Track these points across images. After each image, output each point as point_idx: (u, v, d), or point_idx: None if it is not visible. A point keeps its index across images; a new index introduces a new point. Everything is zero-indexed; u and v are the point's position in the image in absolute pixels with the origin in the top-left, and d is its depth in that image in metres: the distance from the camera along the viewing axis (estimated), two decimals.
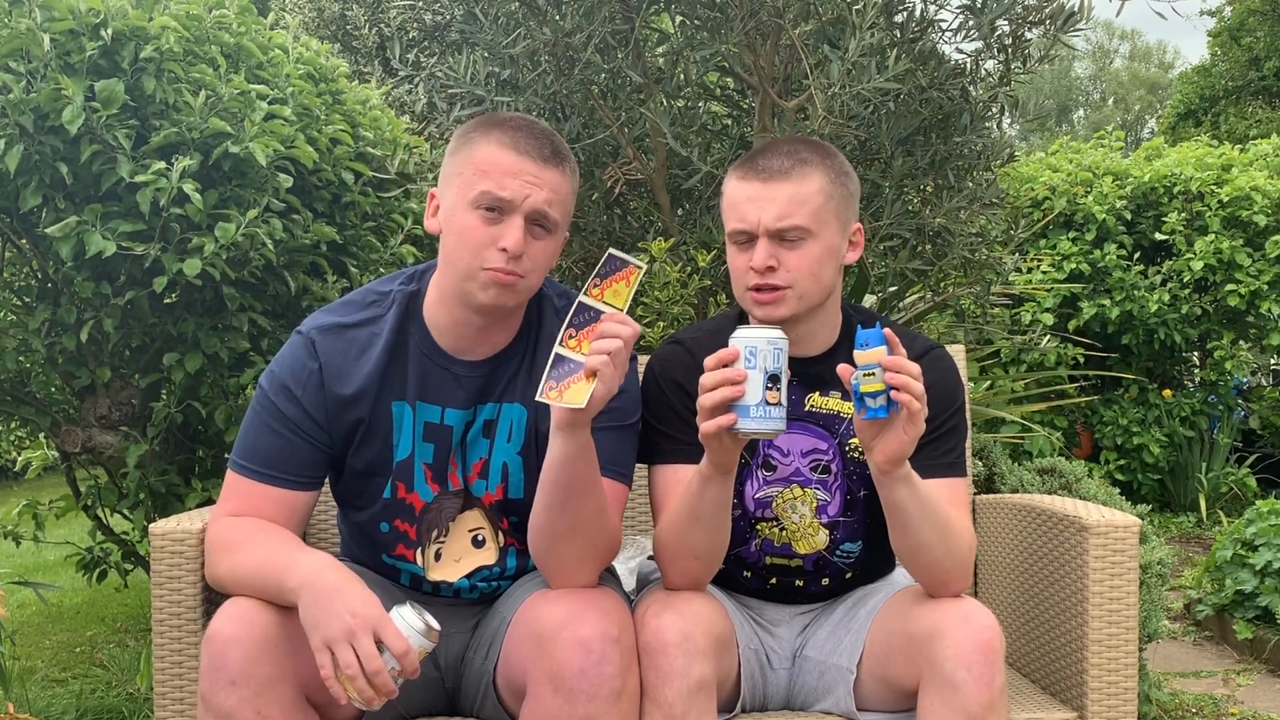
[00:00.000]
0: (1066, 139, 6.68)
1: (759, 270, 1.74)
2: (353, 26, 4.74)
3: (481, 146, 1.68)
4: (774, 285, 1.75)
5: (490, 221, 1.66)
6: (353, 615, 1.49)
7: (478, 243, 1.66)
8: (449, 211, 1.70)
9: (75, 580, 4.01)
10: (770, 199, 1.74)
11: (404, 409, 1.77)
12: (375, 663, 1.48)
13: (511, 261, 1.66)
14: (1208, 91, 15.75)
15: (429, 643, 1.55)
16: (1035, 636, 2.10)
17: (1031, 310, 5.64)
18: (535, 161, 1.67)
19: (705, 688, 1.63)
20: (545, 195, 1.68)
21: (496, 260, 1.66)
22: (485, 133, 1.70)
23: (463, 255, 1.68)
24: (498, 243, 1.66)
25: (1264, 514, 3.79)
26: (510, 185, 1.66)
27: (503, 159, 1.67)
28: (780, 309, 1.76)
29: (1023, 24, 2.89)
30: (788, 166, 1.75)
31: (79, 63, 2.44)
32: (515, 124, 1.71)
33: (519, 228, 1.66)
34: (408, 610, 1.55)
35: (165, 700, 1.90)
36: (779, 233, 1.74)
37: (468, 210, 1.67)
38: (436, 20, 3.20)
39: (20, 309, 3.01)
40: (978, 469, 2.99)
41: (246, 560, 1.64)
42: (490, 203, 1.66)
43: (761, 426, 1.55)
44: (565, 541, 1.65)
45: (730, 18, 2.81)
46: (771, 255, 1.74)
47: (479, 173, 1.67)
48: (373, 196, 3.16)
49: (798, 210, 1.73)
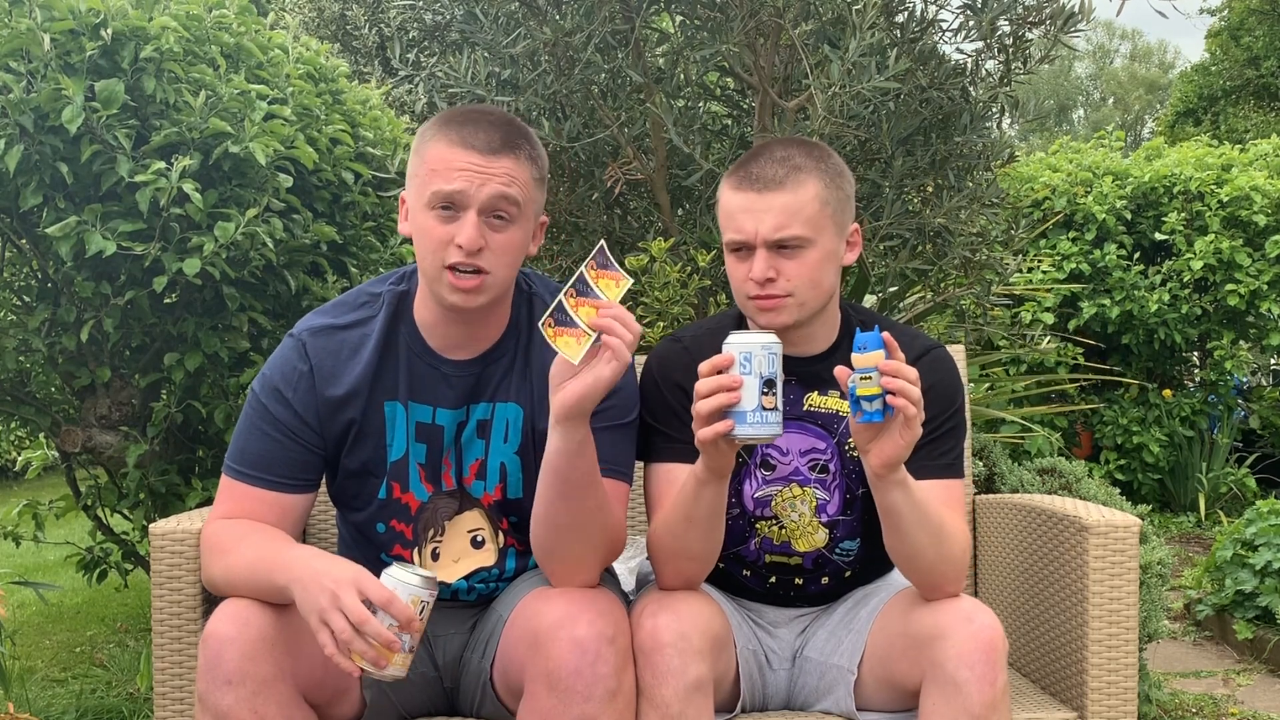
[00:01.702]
0: (1066, 139, 6.68)
1: (759, 282, 1.74)
2: (353, 26, 4.74)
3: (432, 145, 1.68)
4: (773, 295, 1.75)
5: (446, 220, 1.66)
6: (333, 581, 1.49)
7: (436, 242, 1.66)
8: (412, 213, 1.71)
9: (75, 580, 4.01)
10: (766, 209, 1.73)
11: (396, 409, 1.77)
12: (360, 612, 1.46)
13: (471, 257, 1.65)
14: (1207, 91, 15.75)
15: (426, 592, 1.52)
16: (1035, 636, 2.10)
17: (1031, 310, 5.64)
18: (481, 153, 1.66)
19: (702, 687, 1.63)
20: (497, 186, 1.66)
21: (455, 257, 1.65)
22: (436, 131, 1.70)
23: (426, 256, 1.68)
24: (454, 239, 1.65)
25: (1264, 514, 3.79)
26: (458, 180, 1.65)
27: (449, 155, 1.66)
28: (782, 316, 1.76)
29: (1023, 24, 2.89)
30: (782, 175, 1.74)
31: (79, 63, 2.44)
32: (464, 118, 1.70)
33: (472, 223, 1.65)
34: (394, 568, 1.53)
35: (165, 700, 1.90)
36: (777, 243, 1.74)
37: (425, 211, 1.67)
38: (436, 20, 3.20)
39: (20, 309, 3.01)
40: (978, 469, 2.99)
41: (239, 562, 1.64)
42: (443, 201, 1.65)
43: (758, 432, 1.55)
44: (566, 539, 1.65)
45: (730, 18, 2.81)
46: (771, 266, 1.74)
47: (430, 172, 1.67)
48: (373, 196, 3.16)
49: (794, 220, 1.73)
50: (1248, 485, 6.04)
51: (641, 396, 1.85)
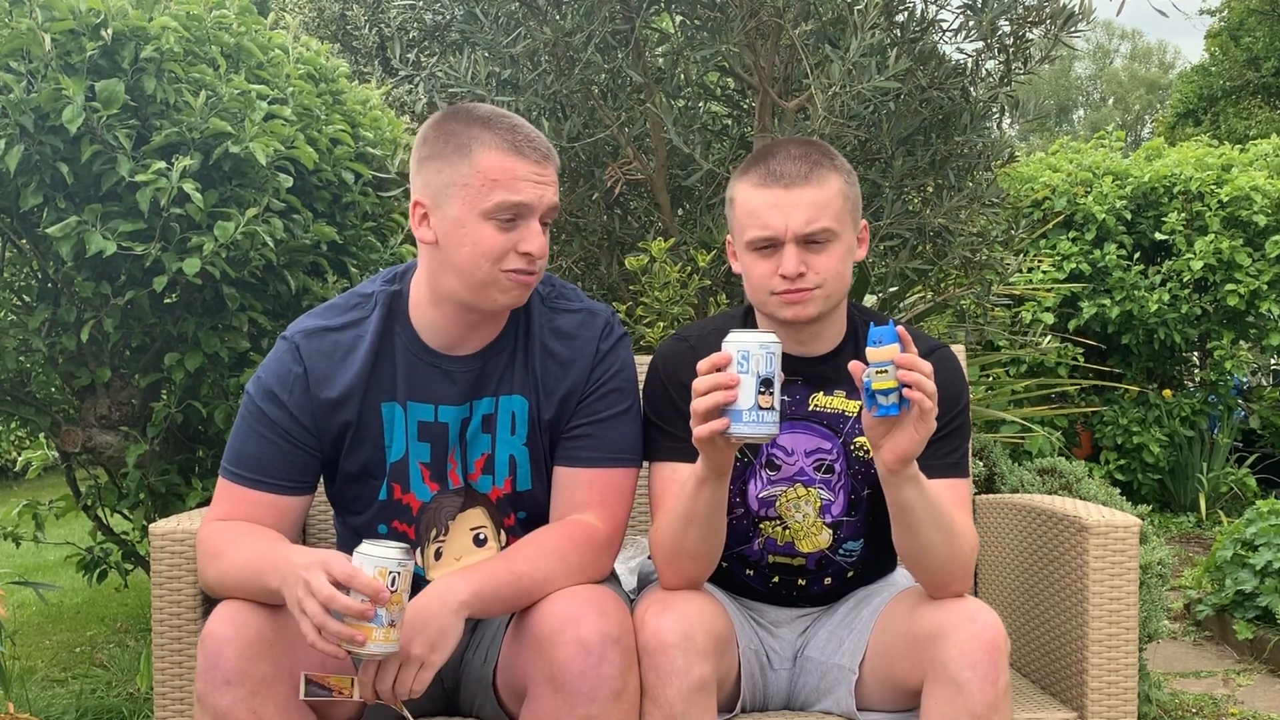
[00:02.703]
0: (1066, 139, 6.68)
1: (790, 277, 1.75)
2: (353, 26, 4.74)
3: (481, 153, 1.65)
4: (803, 288, 1.76)
5: (507, 228, 1.66)
6: (303, 568, 1.47)
7: (499, 251, 1.66)
8: (456, 222, 1.67)
9: (75, 580, 4.01)
10: (795, 204, 1.75)
11: (394, 409, 1.77)
12: (327, 591, 1.44)
13: (533, 263, 1.68)
14: (1207, 91, 15.75)
15: (395, 562, 1.48)
16: (1035, 636, 2.10)
17: (1032, 310, 5.64)
18: (538, 161, 1.68)
19: (705, 687, 1.63)
20: (553, 192, 1.69)
21: (518, 264, 1.67)
22: (478, 136, 1.66)
23: (481, 265, 1.66)
24: (517, 247, 1.66)
25: (1264, 514, 3.79)
26: (525, 190, 1.66)
27: (510, 164, 1.65)
28: (810, 308, 1.77)
29: (1023, 24, 2.89)
30: (805, 171, 1.76)
31: (79, 63, 2.44)
32: (504, 123, 1.68)
33: (539, 231, 1.67)
34: (363, 544, 1.51)
35: (165, 700, 1.90)
36: (807, 237, 1.75)
37: (481, 221, 1.65)
38: (437, 20, 3.20)
39: (20, 309, 3.01)
40: (978, 469, 2.99)
41: (230, 565, 1.64)
42: (510, 212, 1.65)
43: (754, 431, 1.55)
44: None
45: (730, 18, 2.81)
46: (801, 260, 1.75)
47: (489, 182, 1.65)
48: (373, 196, 3.16)
49: (823, 214, 1.75)
50: (1248, 485, 6.04)
51: (646, 395, 1.86)
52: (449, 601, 1.57)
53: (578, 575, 1.69)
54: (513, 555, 1.69)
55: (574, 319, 1.82)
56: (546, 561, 1.67)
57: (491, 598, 1.61)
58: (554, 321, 1.81)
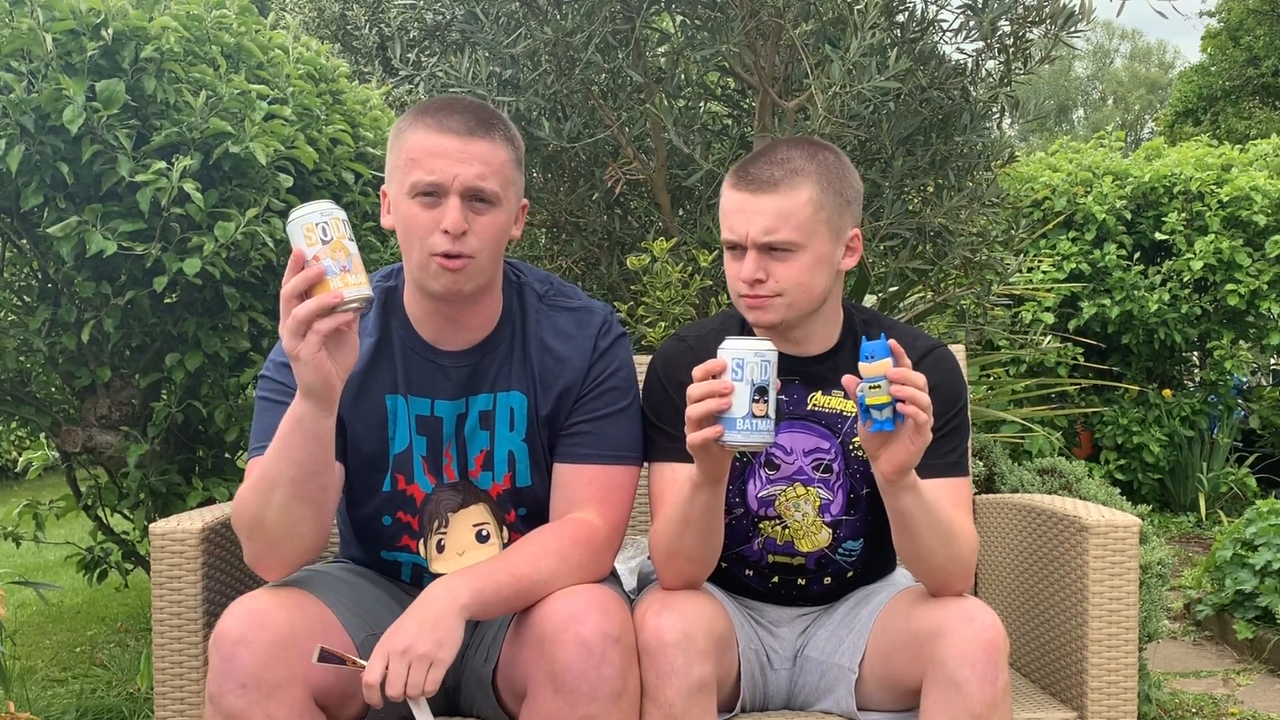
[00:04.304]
0: (1066, 139, 6.68)
1: (747, 282, 1.76)
2: (353, 26, 4.73)
3: (409, 135, 1.69)
4: (760, 295, 1.76)
5: (429, 207, 1.67)
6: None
7: (422, 230, 1.67)
8: (394, 204, 1.72)
9: (75, 580, 4.01)
10: (756, 211, 1.74)
11: (397, 401, 1.79)
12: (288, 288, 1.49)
13: (455, 242, 1.66)
14: (1206, 91, 15.75)
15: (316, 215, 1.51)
16: (1035, 636, 2.10)
17: (1032, 310, 5.64)
18: (459, 138, 1.67)
19: (705, 687, 1.63)
20: (475, 169, 1.67)
21: (442, 244, 1.66)
22: (413, 120, 1.71)
23: (412, 245, 1.69)
24: (439, 225, 1.66)
25: (1264, 514, 3.79)
26: (438, 166, 1.66)
27: (428, 142, 1.67)
28: (769, 314, 1.77)
29: (1023, 24, 2.90)
30: (777, 177, 1.74)
31: (80, 63, 2.44)
32: (439, 105, 1.71)
33: (455, 207, 1.66)
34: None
35: (165, 700, 1.90)
36: (766, 245, 1.74)
37: (407, 200, 1.68)
38: (437, 20, 3.20)
39: (20, 309, 3.01)
40: (978, 469, 2.99)
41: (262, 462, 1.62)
42: (424, 188, 1.66)
43: (748, 439, 1.54)
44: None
45: (731, 18, 2.81)
46: (760, 267, 1.75)
47: (409, 161, 1.68)
48: (373, 196, 3.16)
49: (784, 224, 1.73)
50: (1248, 485, 6.04)
51: (645, 395, 1.86)
52: (451, 603, 1.57)
53: (578, 575, 1.69)
54: (513, 556, 1.69)
55: (572, 317, 1.82)
56: (547, 562, 1.67)
57: (492, 600, 1.62)
58: (552, 319, 1.82)
